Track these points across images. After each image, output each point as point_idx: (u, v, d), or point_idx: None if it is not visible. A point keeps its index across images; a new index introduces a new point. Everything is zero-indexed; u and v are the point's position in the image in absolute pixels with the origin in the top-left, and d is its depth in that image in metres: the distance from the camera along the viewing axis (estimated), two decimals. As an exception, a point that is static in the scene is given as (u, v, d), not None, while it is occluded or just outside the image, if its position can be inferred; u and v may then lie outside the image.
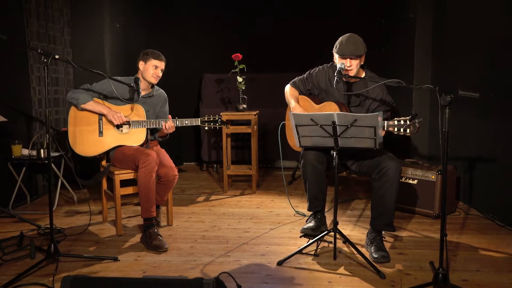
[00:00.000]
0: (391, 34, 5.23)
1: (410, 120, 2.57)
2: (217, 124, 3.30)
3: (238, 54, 4.39)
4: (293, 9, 5.55)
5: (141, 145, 3.28)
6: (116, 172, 3.16)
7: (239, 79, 4.43)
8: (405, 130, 2.59)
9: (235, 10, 5.62)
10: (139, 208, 3.69)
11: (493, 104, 3.46)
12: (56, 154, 3.87)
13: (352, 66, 2.92)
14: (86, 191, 4.36)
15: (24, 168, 3.84)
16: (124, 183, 3.20)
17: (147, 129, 3.29)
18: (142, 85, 3.32)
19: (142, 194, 3.04)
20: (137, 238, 3.12)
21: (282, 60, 5.51)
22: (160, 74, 3.31)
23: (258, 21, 5.59)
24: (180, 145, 5.64)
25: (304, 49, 5.34)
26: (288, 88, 3.32)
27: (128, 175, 3.20)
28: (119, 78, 3.27)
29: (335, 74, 2.83)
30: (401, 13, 4.99)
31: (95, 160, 3.39)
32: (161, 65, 3.29)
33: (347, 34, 2.95)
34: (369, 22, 5.31)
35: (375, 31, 5.24)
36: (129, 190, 3.21)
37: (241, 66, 4.41)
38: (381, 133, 2.66)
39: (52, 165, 3.78)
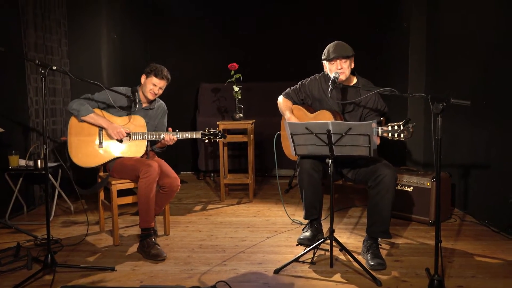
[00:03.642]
0: (386, 42, 5.29)
1: (403, 125, 2.60)
2: (217, 137, 3.30)
3: (234, 64, 4.42)
4: (289, 19, 5.60)
5: (141, 156, 3.29)
6: (113, 182, 3.17)
7: (235, 88, 4.46)
8: (399, 135, 2.62)
9: (232, 20, 5.67)
10: (136, 218, 3.70)
11: (487, 110, 3.50)
12: (54, 164, 3.88)
13: (343, 68, 2.98)
14: (83, 201, 4.36)
15: (21, 179, 3.84)
16: (121, 193, 3.21)
17: (147, 140, 3.30)
18: (142, 97, 3.34)
19: (142, 204, 3.04)
20: (134, 248, 3.12)
21: (278, 69, 5.55)
22: (158, 92, 3.31)
23: (254, 31, 5.64)
24: (177, 154, 5.66)
25: (299, 58, 5.39)
26: (281, 99, 3.35)
27: (125, 185, 3.21)
28: (119, 88, 3.29)
29: (330, 84, 2.88)
30: (395, 22, 5.05)
31: (93, 170, 3.40)
32: (161, 83, 3.29)
33: (333, 42, 3.06)
34: (364, 32, 5.36)
35: (370, 40, 5.29)
36: (126, 200, 3.22)
37: (237, 76, 4.44)
38: (376, 139, 2.69)
39: (49, 175, 3.78)
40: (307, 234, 3.10)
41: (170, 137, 3.25)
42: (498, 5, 3.41)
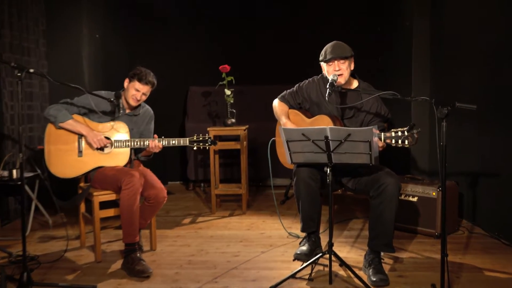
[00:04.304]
0: (387, 42, 5.33)
1: (408, 131, 2.63)
2: (207, 144, 3.30)
3: (226, 66, 4.44)
4: (282, 19, 5.62)
5: (125, 165, 3.30)
6: (95, 194, 3.17)
7: (227, 92, 4.48)
8: (403, 142, 2.65)
9: (224, 19, 5.68)
10: (119, 232, 3.69)
11: (496, 115, 3.53)
12: (30, 174, 3.86)
13: (341, 70, 3.01)
14: (62, 215, 4.33)
15: (-6, 190, 3.82)
16: (104, 205, 3.21)
17: (131, 149, 3.31)
18: (124, 103, 3.35)
19: (125, 217, 3.04)
20: (118, 264, 3.11)
21: (273, 71, 5.56)
22: (141, 98, 3.31)
23: (246, 31, 5.67)
24: (165, 163, 5.65)
25: (296, 59, 5.41)
26: (276, 103, 3.38)
27: (108, 196, 3.21)
28: (102, 92, 3.30)
29: (327, 87, 2.91)
30: (396, 21, 5.09)
31: (73, 181, 3.39)
32: (144, 89, 3.28)
33: (331, 42, 3.09)
34: (363, 31, 5.40)
35: (370, 40, 5.33)
36: (109, 212, 3.22)
37: (229, 78, 4.46)
38: (380, 144, 2.71)
39: (26, 186, 3.77)
40: (305, 248, 3.10)
41: (156, 144, 3.25)
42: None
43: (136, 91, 3.28)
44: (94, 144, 3.20)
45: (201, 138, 3.30)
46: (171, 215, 4.40)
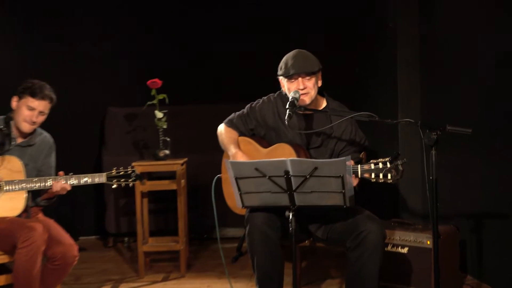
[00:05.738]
0: (366, 50, 5.47)
1: (391, 162, 2.71)
2: (130, 180, 3.32)
3: (157, 80, 4.46)
4: (231, 19, 5.72)
5: (19, 215, 3.25)
6: (-23, 255, 3.10)
7: (159, 114, 4.48)
8: (385, 176, 2.72)
9: (150, 21, 5.73)
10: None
11: (504, 142, 3.63)
12: None
13: (307, 88, 3.09)
14: None
15: None
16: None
17: (28, 192, 3.26)
18: (15, 131, 3.31)
19: (21, 285, 2.99)
20: None
21: (216, 87, 5.61)
22: (37, 119, 3.30)
23: (182, 35, 5.72)
24: (75, 211, 5.55)
25: (246, 72, 5.48)
26: (222, 129, 3.42)
27: (-4, 258, 3.15)
28: None
29: (287, 107, 2.96)
30: (377, 21, 5.24)
31: None
32: (40, 106, 3.28)
33: (293, 51, 3.17)
34: (336, 36, 5.53)
35: (344, 47, 5.47)
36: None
37: (160, 97, 4.48)
38: (354, 182, 2.78)
39: None
40: (263, 320, 3.11)
41: (61, 184, 3.22)
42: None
43: (30, 110, 3.26)
44: None
45: (122, 173, 3.30)
46: (83, 282, 4.32)
